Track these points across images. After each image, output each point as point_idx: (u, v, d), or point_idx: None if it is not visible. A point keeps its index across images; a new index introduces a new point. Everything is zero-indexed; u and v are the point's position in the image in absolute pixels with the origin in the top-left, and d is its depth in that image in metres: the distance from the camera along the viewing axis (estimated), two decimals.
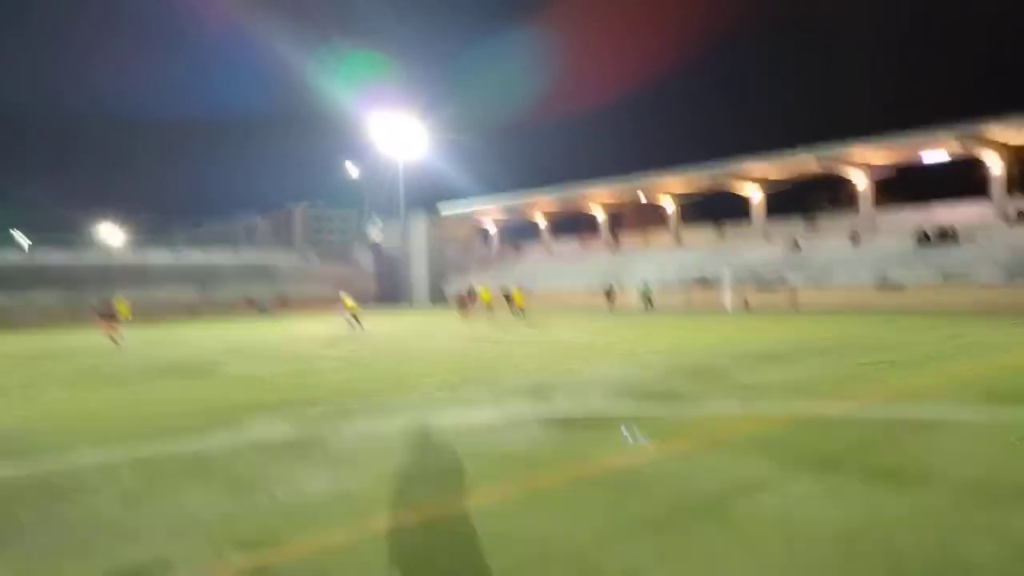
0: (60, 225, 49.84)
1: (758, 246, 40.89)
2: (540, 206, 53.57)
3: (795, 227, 41.90)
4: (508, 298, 27.30)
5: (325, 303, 48.13)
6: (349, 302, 26.95)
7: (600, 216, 52.54)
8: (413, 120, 51.43)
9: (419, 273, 55.28)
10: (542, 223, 56.28)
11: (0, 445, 8.00)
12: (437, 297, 53.44)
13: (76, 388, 13.00)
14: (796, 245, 38.63)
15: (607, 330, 23.43)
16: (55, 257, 46.93)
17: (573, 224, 56.22)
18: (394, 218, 55.97)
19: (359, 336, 23.88)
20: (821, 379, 11.05)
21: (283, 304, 47.02)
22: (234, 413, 9.42)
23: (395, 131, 50.96)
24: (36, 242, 50.82)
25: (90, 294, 40.19)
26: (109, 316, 25.28)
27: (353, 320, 26.56)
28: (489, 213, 57.34)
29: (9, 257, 46.37)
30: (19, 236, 51.00)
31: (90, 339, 25.85)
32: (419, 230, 55.74)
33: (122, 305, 30.61)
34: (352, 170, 63.79)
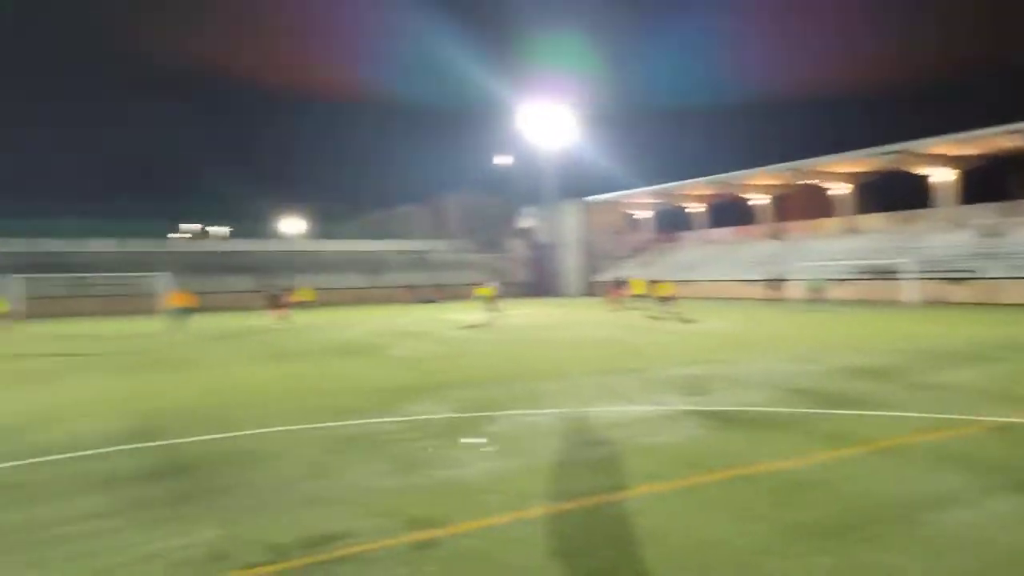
0: (253, 217, 55.16)
1: (944, 233, 36.88)
2: (695, 193, 51.83)
3: (988, 212, 37.29)
4: (654, 288, 26.51)
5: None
6: (485, 291, 27.54)
7: (760, 203, 49.90)
8: (566, 107, 51.58)
9: (570, 262, 55.56)
10: (697, 210, 54.44)
11: (200, 414, 9.06)
12: (588, 286, 53.46)
13: (260, 364, 14.41)
14: (992, 232, 34.39)
15: (769, 322, 22.26)
16: (247, 246, 52.30)
17: (731, 211, 53.86)
18: (547, 206, 56.61)
19: (505, 323, 24.46)
20: (1020, 382, 9.81)
21: (439, 292, 49.20)
22: (398, 393, 10.02)
23: (548, 119, 51.36)
24: (233, 233, 56.86)
25: (275, 280, 44.44)
26: (279, 302, 28.31)
27: (493, 308, 27.16)
28: (642, 201, 56.36)
29: (209, 246, 52.25)
30: (218, 228, 57.36)
31: (276, 321, 28.54)
32: (571, 218, 55.94)
33: (306, 293, 34.29)
34: (505, 159, 65.23)
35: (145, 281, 38.54)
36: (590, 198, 56.19)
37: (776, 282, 36.03)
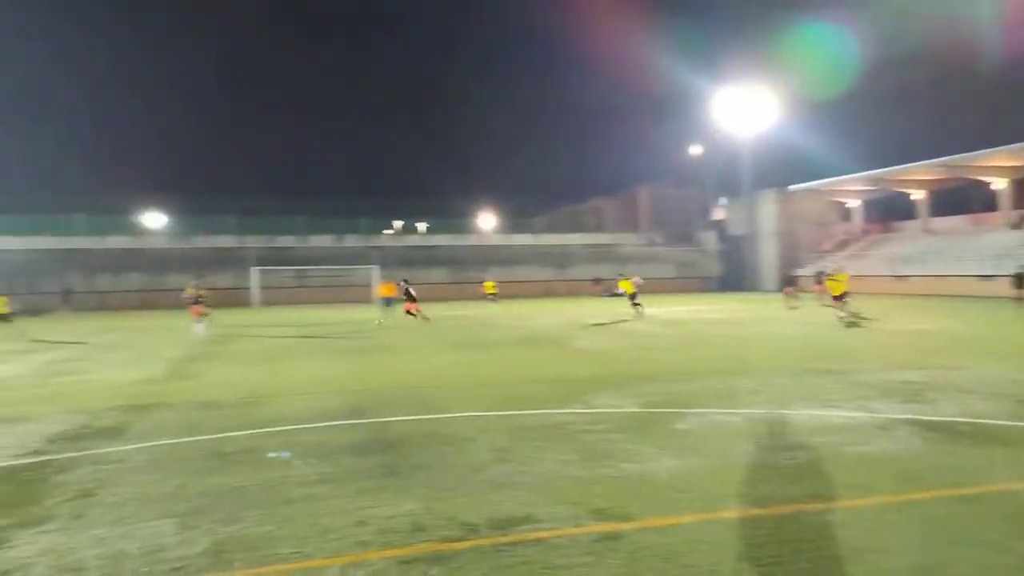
0: (452, 213, 58.47)
1: None
2: (916, 178, 46.37)
3: None
4: (831, 281, 23.67)
5: (670, 284, 48.63)
6: (626, 285, 26.49)
7: (1000, 187, 43.47)
8: (762, 92, 48.57)
9: (767, 256, 52.38)
10: (918, 197, 48.72)
11: (402, 397, 9.80)
12: (786, 281, 50.10)
13: (453, 352, 15.25)
14: None
15: (1002, 324, 19.40)
16: (444, 240, 55.62)
17: (958, 198, 47.51)
18: (741, 197, 53.83)
19: (698, 317, 23.62)
20: None
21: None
22: (582, 384, 10.11)
23: (746, 104, 48.69)
24: (430, 228, 60.72)
25: (470, 273, 46.80)
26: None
27: (636, 304, 26.28)
28: (852, 188, 51.57)
29: (410, 240, 56.27)
30: (421, 224, 61.55)
31: (467, 311, 30.09)
32: (768, 209, 52.66)
33: (489, 286, 35.46)
34: (697, 148, 62.94)
35: (358, 273, 42.45)
36: (792, 187, 52.50)
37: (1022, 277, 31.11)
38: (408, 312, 24.41)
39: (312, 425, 7.92)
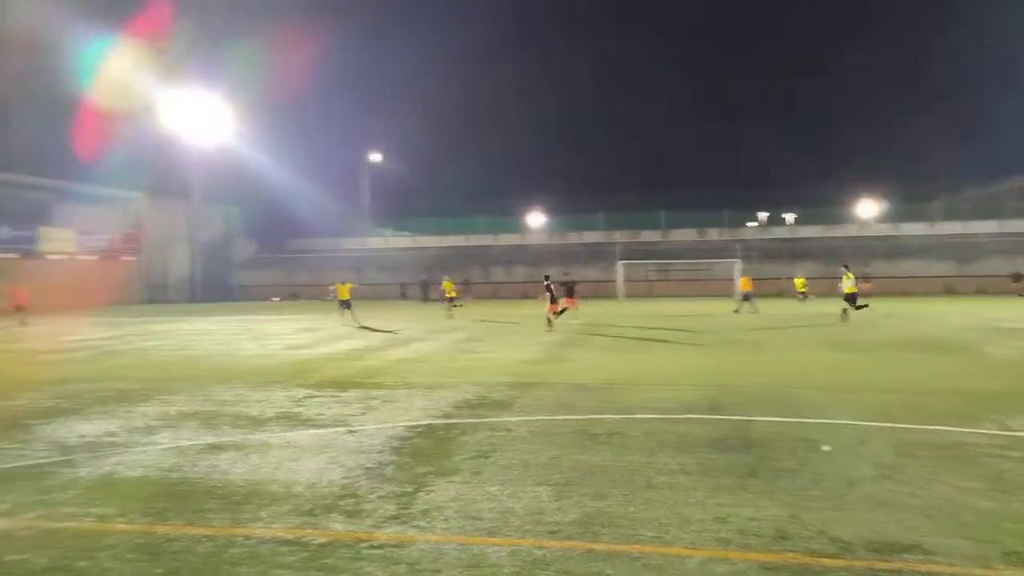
0: (823, 201, 53.63)
1: None
2: None
3: None
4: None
5: None
6: (798, 281, 20.03)
7: None
8: None
9: None
10: None
11: (764, 395, 9.34)
12: None
13: (822, 352, 13.95)
14: None
15: None
16: (813, 231, 51.37)
17: None
18: None
19: None
20: None
21: None
22: (991, 400, 8.41)
23: None
24: (798, 219, 56.56)
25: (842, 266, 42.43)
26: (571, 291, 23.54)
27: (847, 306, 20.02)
28: None
29: (776, 232, 53.19)
30: (788, 215, 57.84)
31: (834, 308, 27.28)
32: None
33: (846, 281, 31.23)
34: None
35: (719, 267, 41.74)
36: None
37: None
38: (554, 312, 21.17)
39: (672, 416, 8.06)
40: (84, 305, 37.56)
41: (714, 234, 51.30)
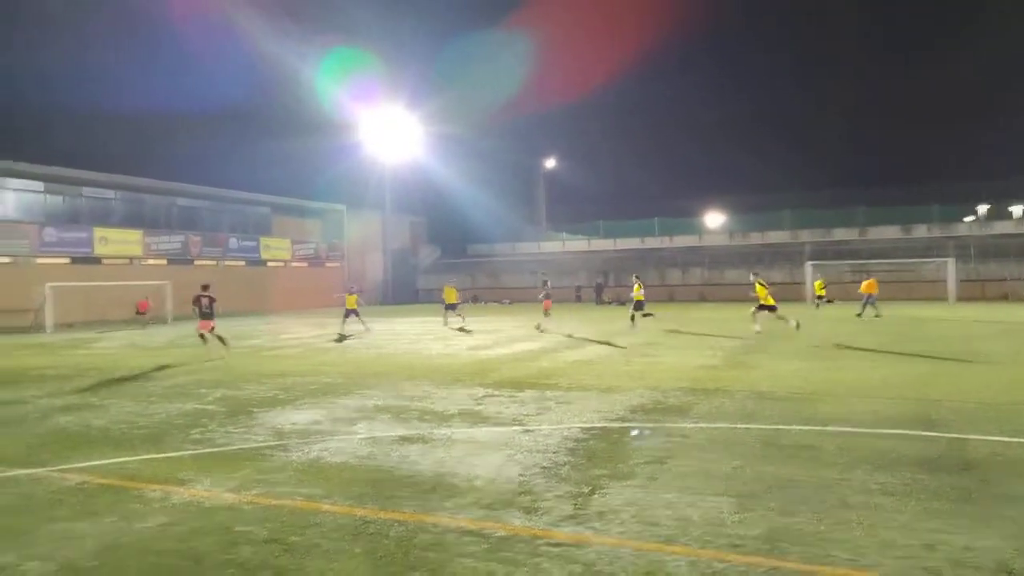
0: None
1: None
2: None
3: None
4: None
5: None
6: (819, 284, 15.13)
7: None
8: None
9: None
10: None
11: (980, 411, 8.22)
12: None
13: None
14: None
15: None
16: None
17: None
18: None
19: None
20: None
21: None
22: None
23: None
24: None
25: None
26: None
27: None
28: None
29: (999, 228, 46.68)
30: (1015, 207, 50.56)
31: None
32: None
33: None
34: None
35: (927, 267, 37.50)
36: None
37: None
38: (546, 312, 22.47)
39: (870, 430, 7.38)
40: (296, 307, 42.09)
41: (922, 231, 46.17)
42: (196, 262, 40.76)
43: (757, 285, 19.49)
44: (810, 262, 40.36)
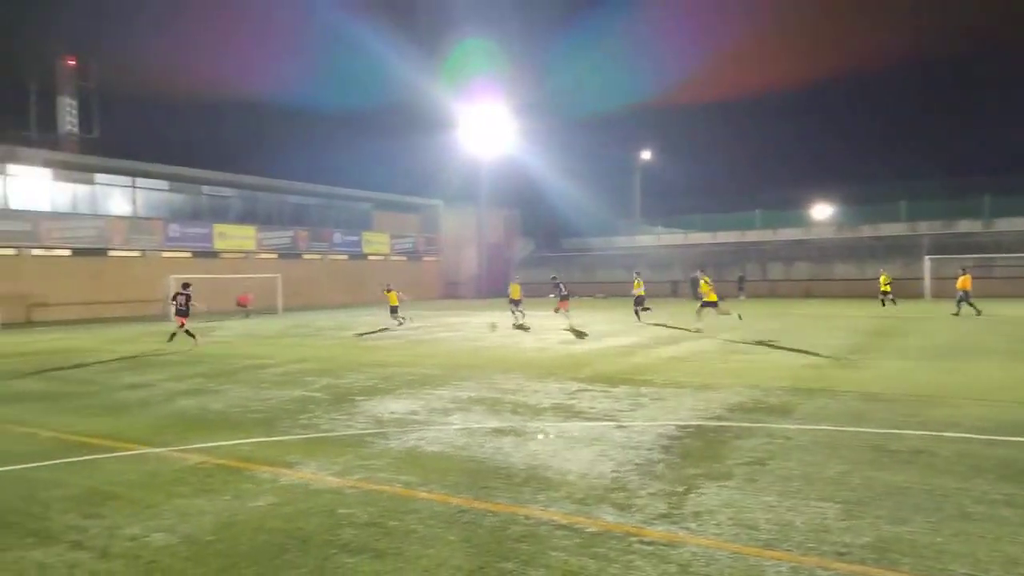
0: None
1: None
2: None
3: None
4: None
5: None
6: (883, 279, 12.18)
7: None
8: None
9: None
10: None
11: None
12: None
13: None
14: None
15: None
16: None
17: None
18: None
19: None
20: None
21: None
22: None
23: None
24: None
25: None
26: None
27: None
28: None
29: None
30: None
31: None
32: None
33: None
34: None
35: None
36: None
37: None
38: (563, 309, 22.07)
39: (994, 437, 6.85)
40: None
41: None
42: (304, 256, 42.83)
43: (702, 282, 20.06)
44: (929, 256, 37.79)
